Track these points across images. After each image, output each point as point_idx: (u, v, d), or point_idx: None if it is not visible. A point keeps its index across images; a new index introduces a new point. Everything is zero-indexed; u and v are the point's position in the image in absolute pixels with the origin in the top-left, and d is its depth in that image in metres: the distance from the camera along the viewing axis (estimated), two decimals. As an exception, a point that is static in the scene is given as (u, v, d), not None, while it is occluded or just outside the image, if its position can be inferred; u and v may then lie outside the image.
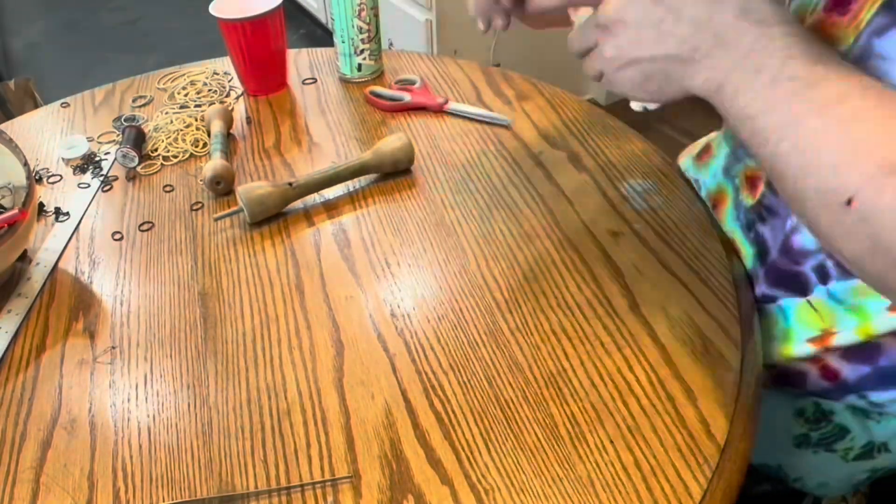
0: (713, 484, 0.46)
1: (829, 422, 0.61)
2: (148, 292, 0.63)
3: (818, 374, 0.57)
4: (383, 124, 0.83)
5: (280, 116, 0.86)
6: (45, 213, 0.73)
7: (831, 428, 0.61)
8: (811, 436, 0.62)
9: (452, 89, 0.87)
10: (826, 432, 0.61)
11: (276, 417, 0.52)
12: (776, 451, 0.65)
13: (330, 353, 0.56)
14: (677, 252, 0.63)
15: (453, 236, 0.66)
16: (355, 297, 0.61)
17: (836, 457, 0.62)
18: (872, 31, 0.43)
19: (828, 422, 0.61)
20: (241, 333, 0.59)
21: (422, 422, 0.51)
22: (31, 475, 0.50)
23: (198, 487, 0.48)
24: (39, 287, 0.63)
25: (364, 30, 0.86)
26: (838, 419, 0.60)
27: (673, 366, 0.53)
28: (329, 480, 0.48)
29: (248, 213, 0.68)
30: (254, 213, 0.68)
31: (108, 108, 0.89)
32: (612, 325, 0.57)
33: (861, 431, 0.60)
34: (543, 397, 0.52)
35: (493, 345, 0.56)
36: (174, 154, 0.80)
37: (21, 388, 0.56)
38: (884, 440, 0.60)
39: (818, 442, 0.62)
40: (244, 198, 0.67)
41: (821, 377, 0.57)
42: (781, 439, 0.64)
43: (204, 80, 0.93)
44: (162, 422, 0.52)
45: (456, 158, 0.76)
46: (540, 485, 0.46)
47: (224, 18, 0.82)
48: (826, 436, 0.61)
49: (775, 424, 0.63)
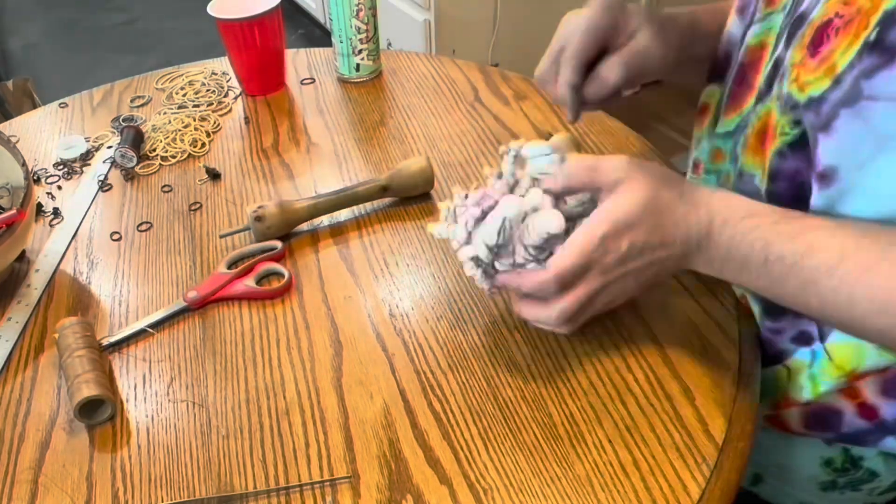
0: (711, 483, 0.46)
1: (859, 468, 0.59)
2: (146, 292, 0.63)
3: (855, 411, 0.55)
4: (381, 124, 0.83)
5: (278, 116, 0.86)
6: (43, 213, 0.72)
7: (861, 473, 0.60)
8: (838, 481, 0.61)
9: (451, 89, 0.88)
10: (856, 478, 0.60)
11: (274, 417, 0.52)
12: (802, 493, 0.64)
13: (328, 353, 0.56)
14: (675, 251, 0.63)
15: (452, 236, 0.66)
16: (354, 296, 0.61)
17: (863, 494, 0.62)
18: (860, 74, 0.43)
19: (857, 468, 0.60)
20: (239, 333, 0.59)
21: (420, 421, 0.51)
22: (29, 475, 0.50)
23: (196, 487, 0.48)
24: (39, 295, 0.63)
25: (362, 30, 0.86)
26: (868, 464, 0.59)
27: (671, 365, 0.53)
28: (328, 480, 0.48)
29: (255, 233, 0.65)
30: (259, 235, 0.65)
31: (106, 108, 0.89)
32: (611, 324, 0.57)
33: (890, 474, 0.59)
34: (542, 397, 0.52)
35: (491, 344, 0.56)
36: (172, 154, 0.80)
37: (20, 388, 0.56)
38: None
39: (845, 486, 0.61)
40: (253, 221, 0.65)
41: (858, 416, 0.55)
42: (808, 486, 0.63)
43: (202, 80, 0.93)
44: (160, 422, 0.52)
45: (454, 158, 0.76)
46: (538, 484, 0.46)
47: (222, 18, 0.82)
48: (855, 481, 0.60)
49: (801, 474, 0.62)
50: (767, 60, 0.55)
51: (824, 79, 0.45)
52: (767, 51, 0.55)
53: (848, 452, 0.59)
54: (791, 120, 0.48)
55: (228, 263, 0.64)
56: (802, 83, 0.46)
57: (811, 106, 0.46)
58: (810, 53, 0.46)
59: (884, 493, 0.61)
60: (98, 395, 0.51)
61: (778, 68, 0.50)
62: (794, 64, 0.47)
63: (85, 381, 0.52)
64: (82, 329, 0.56)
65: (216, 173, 0.76)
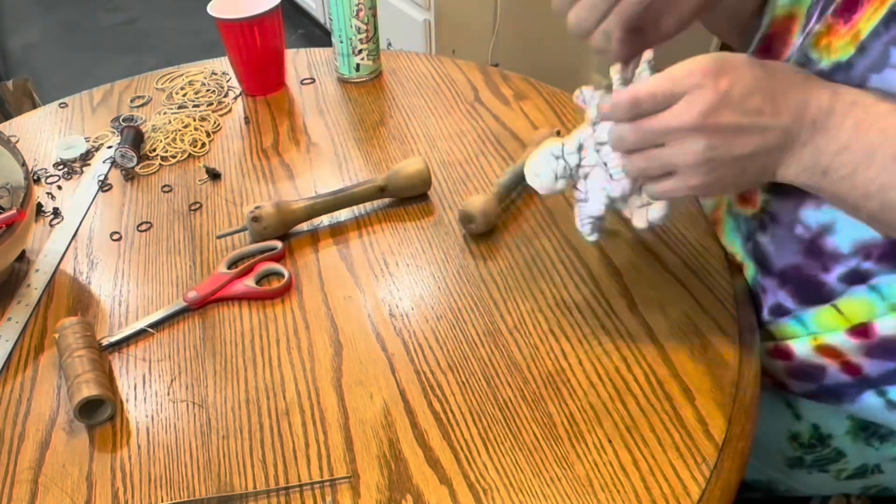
0: (711, 483, 0.46)
1: (828, 446, 0.60)
2: (146, 293, 0.63)
3: (838, 368, 0.55)
4: (381, 124, 0.83)
5: (278, 116, 0.86)
6: (43, 213, 0.72)
7: (828, 452, 0.60)
8: (805, 458, 0.61)
9: (451, 89, 0.88)
10: (822, 455, 0.60)
11: (274, 417, 0.52)
12: (768, 469, 0.64)
13: (328, 353, 0.56)
14: (676, 252, 0.63)
15: (451, 236, 0.66)
16: (354, 296, 0.61)
17: (829, 476, 0.62)
18: (889, 41, 0.42)
19: (825, 446, 0.60)
20: (239, 333, 0.59)
21: (420, 421, 0.51)
22: (29, 476, 0.50)
23: (196, 487, 0.48)
24: (39, 295, 0.63)
25: (362, 30, 0.86)
26: (837, 444, 0.59)
27: (671, 365, 0.53)
28: (328, 480, 0.48)
29: (252, 233, 0.65)
30: (256, 235, 0.66)
31: (106, 108, 0.89)
32: (611, 324, 0.57)
33: (856, 455, 0.59)
34: (542, 397, 0.52)
35: (491, 344, 0.56)
36: (172, 154, 0.80)
37: (20, 388, 0.56)
38: (877, 462, 0.59)
39: (811, 464, 0.62)
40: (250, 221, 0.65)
41: (841, 371, 0.55)
42: (774, 460, 0.63)
43: (202, 80, 0.93)
44: (160, 422, 0.52)
45: (454, 158, 0.76)
46: (538, 484, 0.46)
47: (222, 18, 0.82)
48: (821, 459, 0.61)
49: (769, 447, 0.62)
50: (798, 32, 0.53)
51: (849, 45, 0.44)
52: (797, 22, 0.53)
53: (817, 429, 0.59)
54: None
55: (228, 263, 0.64)
56: (831, 47, 0.45)
57: (837, 71, 0.44)
58: (844, 20, 0.44)
59: (850, 476, 0.61)
60: (98, 395, 0.51)
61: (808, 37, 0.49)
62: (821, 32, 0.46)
63: (85, 381, 0.52)
64: (82, 329, 0.56)
65: (216, 173, 0.76)
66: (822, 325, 0.55)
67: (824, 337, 0.55)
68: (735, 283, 0.60)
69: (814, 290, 0.55)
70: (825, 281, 0.54)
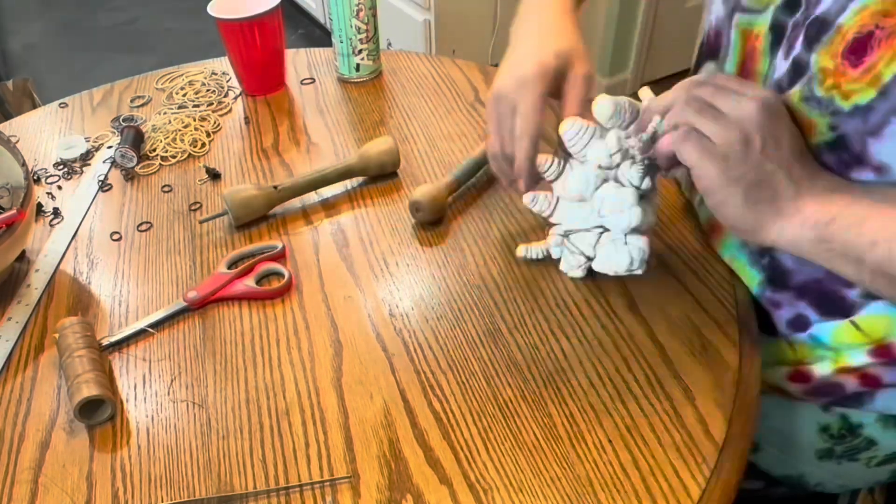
0: (711, 483, 0.46)
1: (858, 435, 0.60)
2: (146, 293, 0.63)
3: (858, 382, 0.56)
4: (381, 124, 0.83)
5: (278, 116, 0.86)
6: (43, 213, 0.72)
7: (859, 441, 0.60)
8: (835, 449, 0.62)
9: (451, 89, 0.88)
10: (852, 445, 0.61)
11: (274, 417, 0.52)
12: (799, 463, 0.65)
13: (328, 352, 0.56)
14: (676, 252, 0.63)
15: (451, 235, 0.66)
16: (354, 296, 0.61)
17: (860, 465, 0.62)
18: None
19: (855, 436, 0.60)
20: (239, 333, 0.59)
21: (420, 421, 0.51)
22: (29, 476, 0.50)
23: (196, 487, 0.48)
24: (39, 294, 0.63)
25: (362, 30, 0.86)
26: (867, 431, 0.59)
27: (671, 365, 0.53)
28: (328, 480, 0.48)
29: (233, 215, 0.67)
30: (238, 216, 0.68)
31: (106, 108, 0.89)
32: (611, 324, 0.57)
33: (889, 442, 0.60)
34: (542, 397, 0.52)
35: (491, 344, 0.56)
36: (172, 154, 0.80)
37: (20, 388, 0.56)
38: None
39: (842, 454, 0.62)
40: (228, 200, 0.67)
41: (860, 385, 0.56)
42: (806, 454, 0.63)
43: (202, 80, 0.93)
44: (160, 422, 0.52)
45: (454, 158, 0.76)
46: (538, 484, 0.46)
47: (222, 18, 0.83)
48: (851, 449, 0.61)
49: (801, 440, 0.62)
50: (764, 49, 0.54)
51: (869, 89, 0.45)
52: (760, 41, 0.55)
53: (846, 419, 0.60)
54: (829, 123, 0.48)
55: (228, 263, 0.64)
56: (846, 91, 0.46)
57: (856, 113, 0.46)
58: (851, 64, 0.46)
59: (882, 463, 0.61)
60: (98, 395, 0.51)
61: (799, 68, 0.50)
62: (826, 69, 0.47)
63: (85, 381, 0.52)
64: (82, 329, 0.56)
65: (216, 173, 0.76)
66: (841, 342, 0.55)
67: (846, 357, 0.55)
68: (735, 284, 0.60)
69: (834, 303, 0.55)
70: (846, 295, 0.54)
